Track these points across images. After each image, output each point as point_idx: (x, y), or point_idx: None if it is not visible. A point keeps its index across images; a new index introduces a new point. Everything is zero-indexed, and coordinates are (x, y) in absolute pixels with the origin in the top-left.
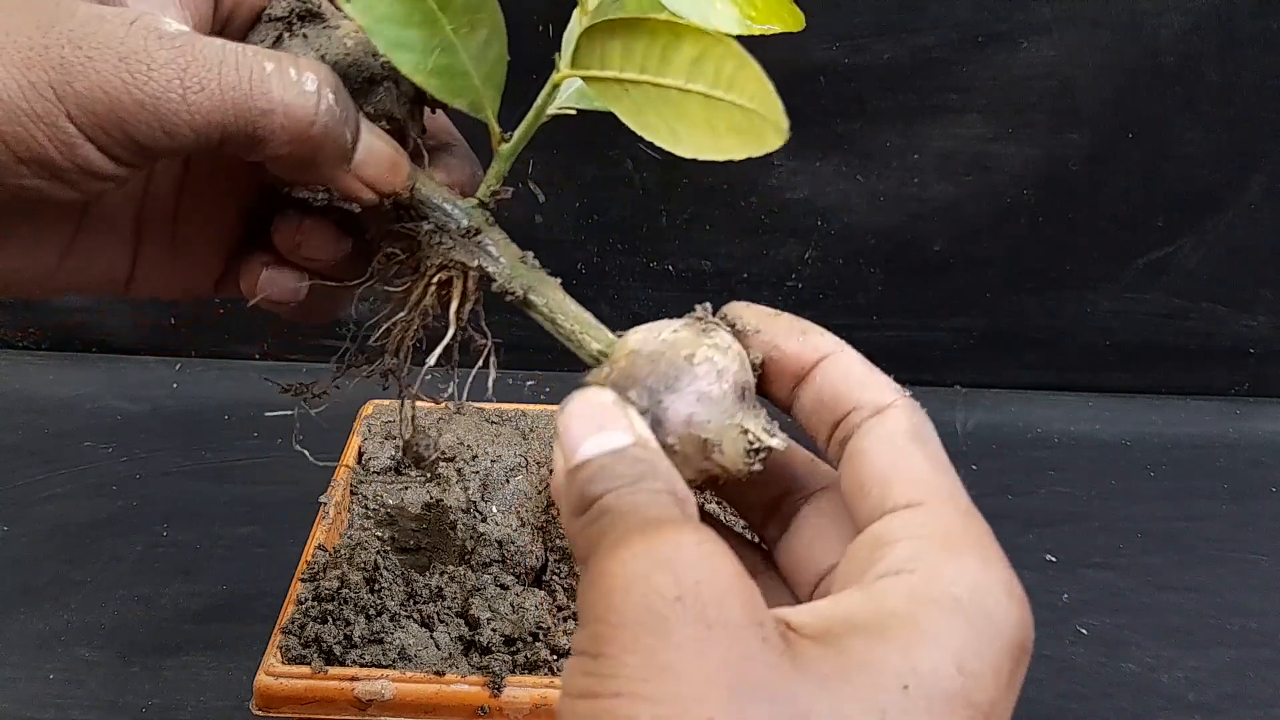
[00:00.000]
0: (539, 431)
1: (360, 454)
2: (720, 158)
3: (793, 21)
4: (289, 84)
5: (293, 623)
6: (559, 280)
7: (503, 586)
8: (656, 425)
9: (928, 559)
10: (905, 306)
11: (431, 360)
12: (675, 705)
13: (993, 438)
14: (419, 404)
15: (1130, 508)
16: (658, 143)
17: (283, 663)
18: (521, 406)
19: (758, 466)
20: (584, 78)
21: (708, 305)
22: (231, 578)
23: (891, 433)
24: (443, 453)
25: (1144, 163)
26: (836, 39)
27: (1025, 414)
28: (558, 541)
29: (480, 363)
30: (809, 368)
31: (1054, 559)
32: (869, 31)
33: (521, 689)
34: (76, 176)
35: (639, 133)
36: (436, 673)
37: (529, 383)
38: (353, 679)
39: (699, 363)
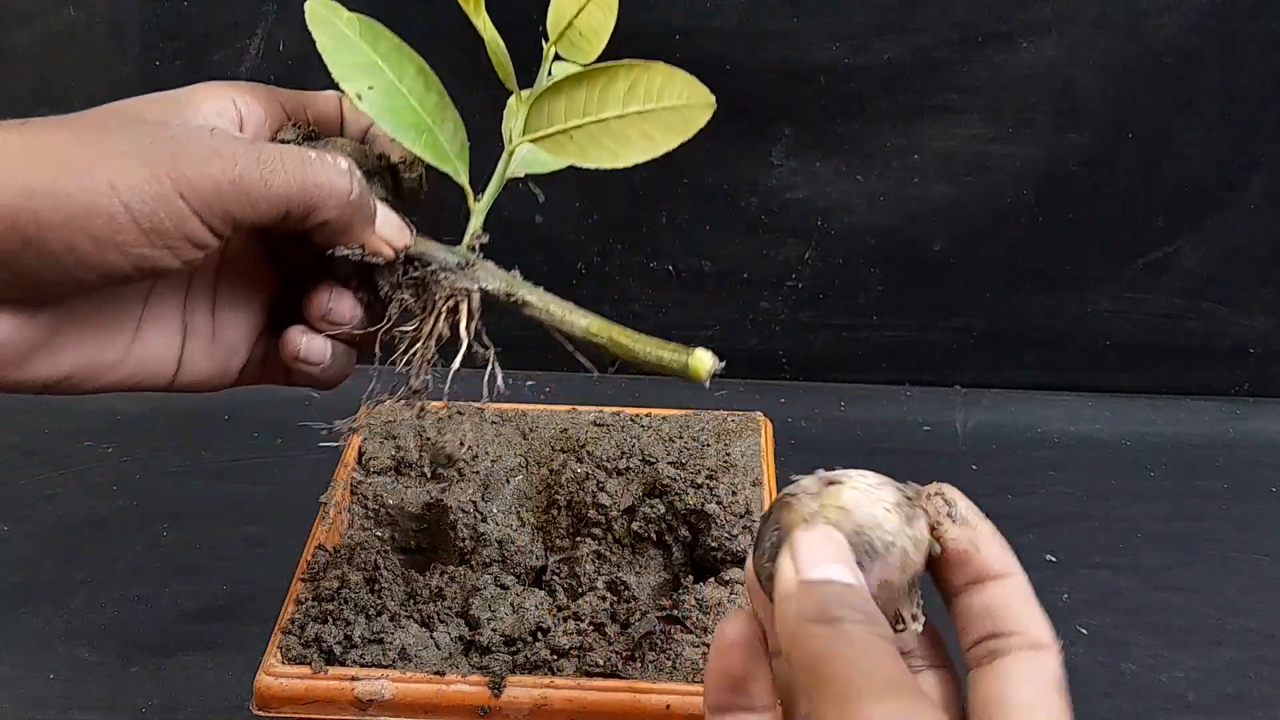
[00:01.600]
0: (539, 431)
1: (360, 454)
2: (657, 155)
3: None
4: (330, 167)
5: (293, 623)
6: (541, 286)
7: (503, 586)
8: None
9: None
10: (905, 306)
11: (454, 367)
12: None
13: (993, 438)
14: (424, 406)
15: (1130, 508)
16: (601, 166)
17: (283, 663)
18: (521, 406)
19: None
20: (534, 140)
21: (916, 488)
22: (231, 578)
23: (1045, 674)
24: (468, 449)
25: (1144, 163)
26: (836, 39)
27: (1025, 414)
28: (558, 541)
29: (489, 369)
30: (992, 577)
31: (1054, 559)
32: (869, 31)
33: (521, 689)
34: (181, 244)
35: (582, 165)
36: (436, 673)
37: (529, 383)
38: (353, 679)
39: (894, 552)
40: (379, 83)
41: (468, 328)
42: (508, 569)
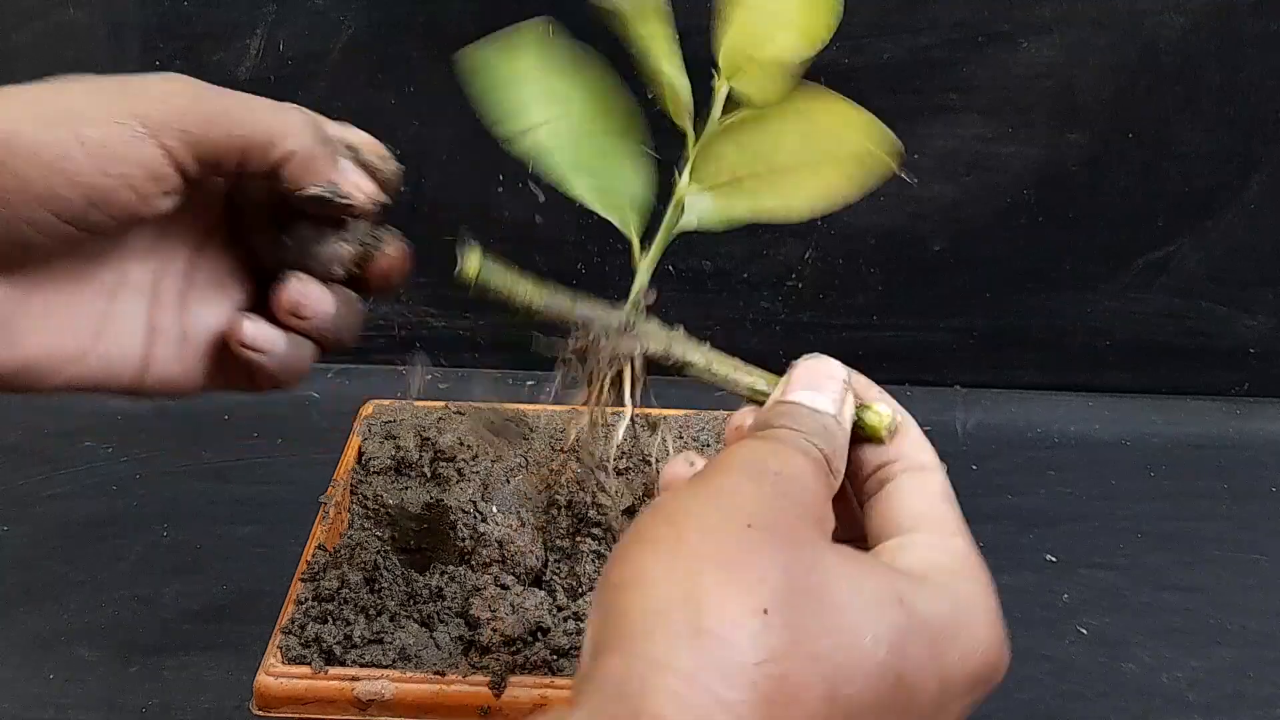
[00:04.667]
0: (539, 431)
1: (360, 454)
2: (836, 206)
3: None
4: (289, 107)
5: (293, 623)
6: (706, 343)
7: (503, 586)
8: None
9: (945, 566)
10: (905, 306)
11: (617, 439)
12: (736, 512)
13: (993, 438)
14: (607, 472)
15: (1130, 508)
16: (774, 219)
17: (283, 663)
18: (521, 406)
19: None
20: (703, 190)
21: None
22: (231, 578)
23: (928, 486)
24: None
25: (1144, 163)
26: (836, 39)
27: (1025, 414)
28: (558, 541)
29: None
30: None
31: (1054, 559)
32: (869, 31)
33: (522, 689)
34: (141, 180)
35: (755, 219)
36: (437, 673)
37: (529, 383)
38: (353, 679)
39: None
40: (555, 117)
41: (632, 393)
42: (508, 569)
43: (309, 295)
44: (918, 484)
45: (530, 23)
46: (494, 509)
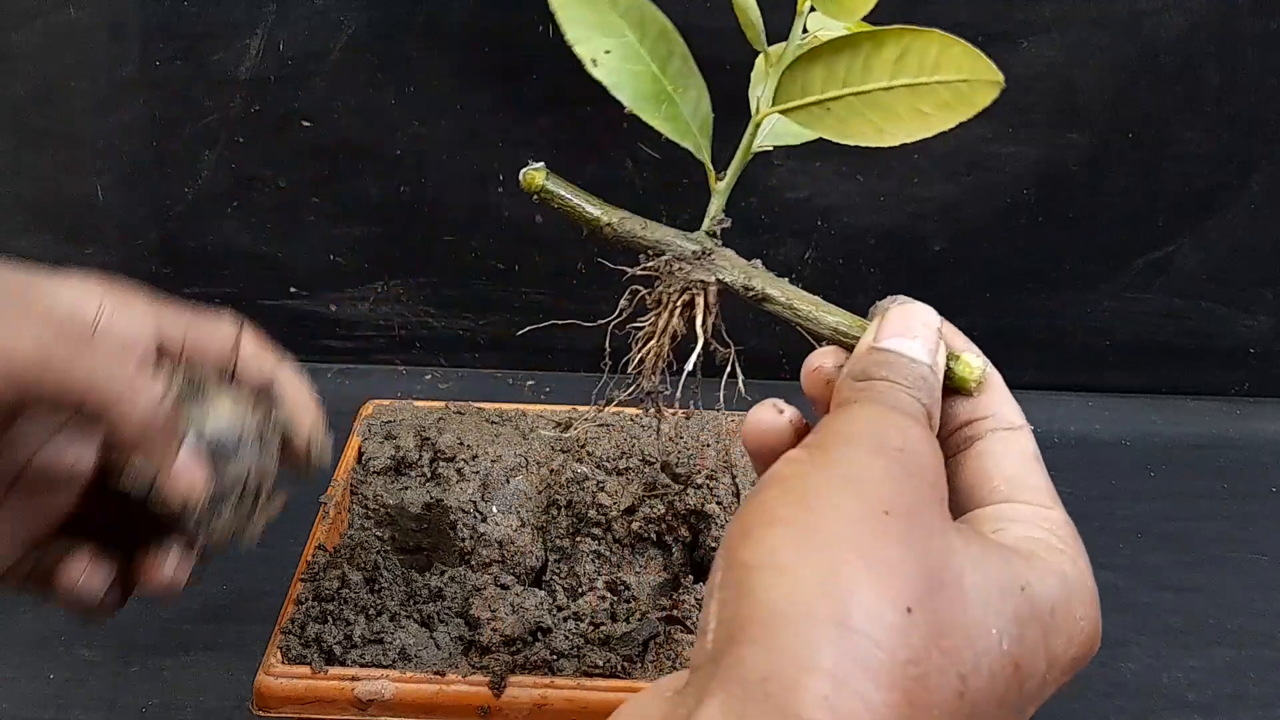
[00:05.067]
0: (539, 431)
1: (360, 454)
2: (930, 134)
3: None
4: (139, 376)
5: (293, 623)
6: (787, 277)
7: (503, 586)
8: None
9: (1051, 545)
10: None
11: (688, 368)
12: (874, 497)
13: None
14: (660, 410)
15: (1130, 508)
16: (862, 143)
17: (283, 663)
18: (521, 406)
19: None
20: (785, 111)
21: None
22: (231, 578)
23: (1023, 448)
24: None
25: (1144, 162)
26: None
27: (1025, 414)
28: (557, 541)
29: (727, 371)
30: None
31: None
32: None
33: (521, 689)
34: None
35: (841, 142)
36: (437, 673)
37: (529, 382)
38: (353, 679)
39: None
40: (617, 46)
41: (703, 325)
42: (508, 569)
43: (173, 574)
44: (1011, 444)
45: None
46: (494, 509)
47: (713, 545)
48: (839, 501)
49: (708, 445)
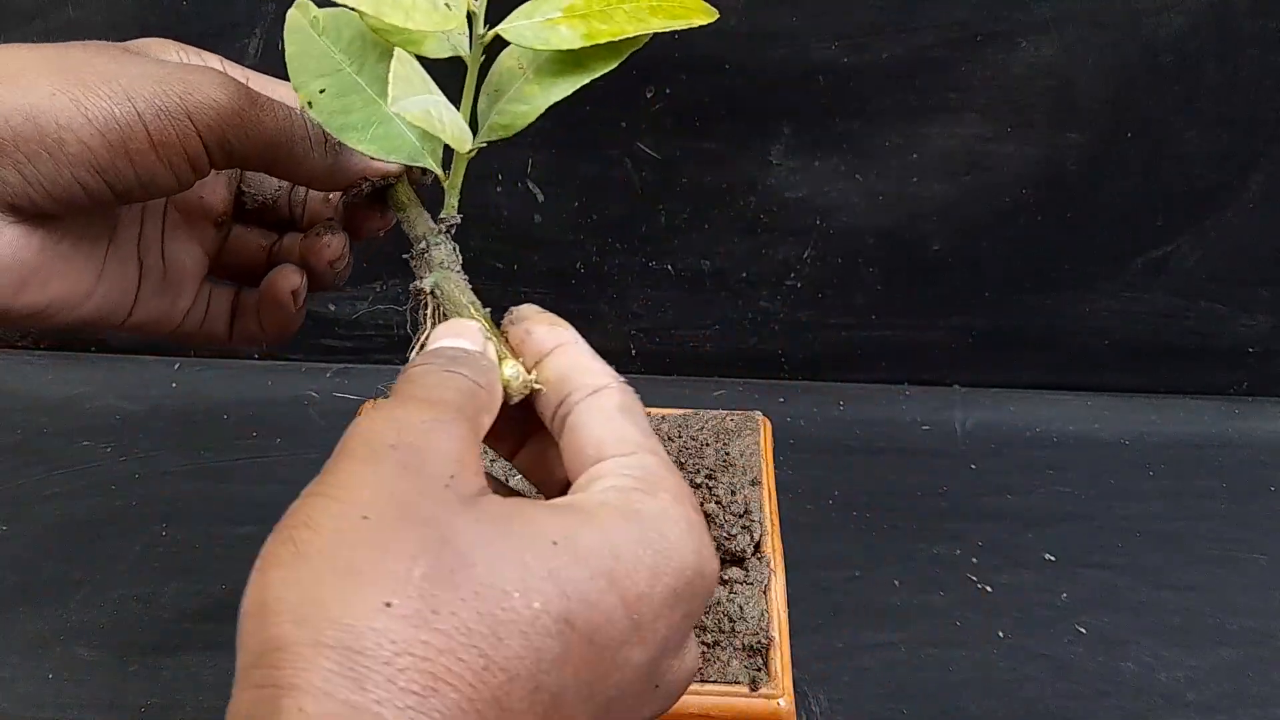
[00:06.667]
0: None
1: None
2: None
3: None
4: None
5: None
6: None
7: None
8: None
9: (626, 487)
10: (904, 306)
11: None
12: (351, 506)
13: (992, 438)
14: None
15: (1130, 508)
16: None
17: None
18: None
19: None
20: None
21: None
22: (231, 578)
23: (604, 407)
24: None
25: (1144, 163)
26: (836, 39)
27: (1025, 414)
28: None
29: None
30: (546, 352)
31: (1053, 558)
32: (869, 31)
33: None
34: (182, 166)
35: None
36: None
37: None
38: None
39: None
40: (334, 84)
41: (432, 315)
42: None
43: (343, 247)
44: (593, 408)
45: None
46: None
47: None
48: (320, 523)
49: (707, 445)
